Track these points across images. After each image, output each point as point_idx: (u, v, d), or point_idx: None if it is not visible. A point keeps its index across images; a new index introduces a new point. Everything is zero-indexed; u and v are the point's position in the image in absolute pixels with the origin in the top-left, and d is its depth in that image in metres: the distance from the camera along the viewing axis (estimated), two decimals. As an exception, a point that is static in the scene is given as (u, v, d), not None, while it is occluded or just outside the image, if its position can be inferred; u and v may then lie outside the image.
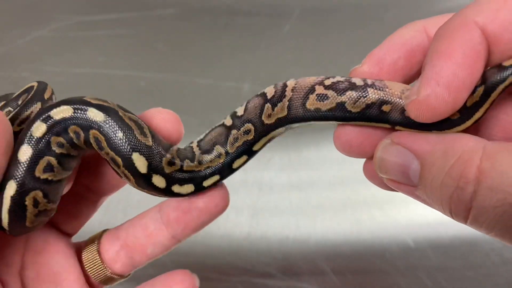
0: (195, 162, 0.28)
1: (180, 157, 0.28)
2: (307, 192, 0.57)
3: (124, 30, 0.60)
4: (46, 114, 0.25)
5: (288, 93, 0.27)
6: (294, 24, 0.59)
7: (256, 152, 0.29)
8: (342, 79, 0.26)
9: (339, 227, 0.55)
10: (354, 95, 0.25)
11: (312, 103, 0.26)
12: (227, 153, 0.28)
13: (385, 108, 0.25)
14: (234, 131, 0.28)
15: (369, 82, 0.26)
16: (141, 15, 0.60)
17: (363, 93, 0.25)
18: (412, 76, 0.26)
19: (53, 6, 0.59)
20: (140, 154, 0.25)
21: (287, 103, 0.27)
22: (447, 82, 0.22)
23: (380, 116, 0.25)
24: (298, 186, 0.57)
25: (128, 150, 0.25)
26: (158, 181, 0.27)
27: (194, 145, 0.29)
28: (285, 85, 0.27)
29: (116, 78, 0.59)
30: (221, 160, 0.28)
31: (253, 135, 0.28)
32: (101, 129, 0.25)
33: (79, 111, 0.25)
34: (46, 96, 0.30)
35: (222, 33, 0.60)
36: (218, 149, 0.28)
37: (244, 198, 0.56)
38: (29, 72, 0.58)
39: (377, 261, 0.53)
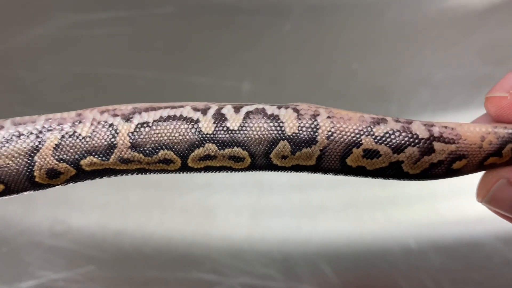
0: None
1: None
2: (308, 192, 0.56)
3: (123, 29, 0.59)
4: None
5: (321, 139, 0.19)
6: (295, 22, 0.59)
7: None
8: (398, 126, 0.19)
9: (340, 228, 0.54)
10: (416, 153, 0.19)
11: (355, 160, 0.19)
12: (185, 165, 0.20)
13: (458, 165, 0.19)
14: (211, 146, 0.19)
15: (436, 131, 0.19)
16: (140, 14, 0.59)
17: (427, 150, 0.19)
18: None
19: (50, 4, 0.59)
20: None
21: (318, 152, 0.19)
22: None
23: (448, 174, 0.20)
24: (299, 187, 0.56)
25: None
26: None
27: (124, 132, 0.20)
28: (316, 125, 0.19)
29: (115, 77, 0.58)
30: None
31: (245, 167, 0.20)
32: None
33: None
34: None
35: (222, 32, 0.59)
36: (167, 154, 0.20)
37: (244, 198, 0.56)
38: (26, 71, 0.57)
39: (378, 263, 0.53)
